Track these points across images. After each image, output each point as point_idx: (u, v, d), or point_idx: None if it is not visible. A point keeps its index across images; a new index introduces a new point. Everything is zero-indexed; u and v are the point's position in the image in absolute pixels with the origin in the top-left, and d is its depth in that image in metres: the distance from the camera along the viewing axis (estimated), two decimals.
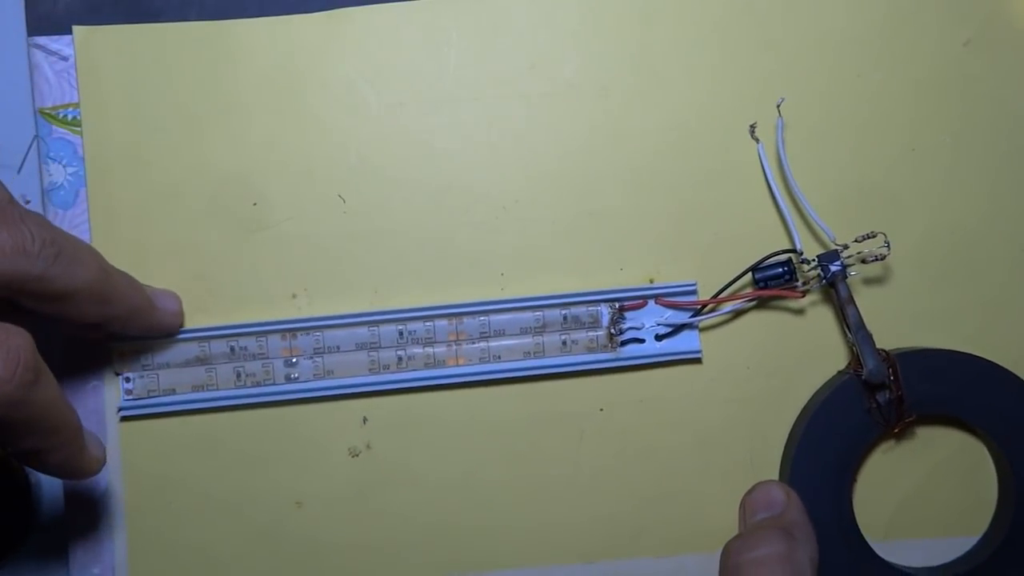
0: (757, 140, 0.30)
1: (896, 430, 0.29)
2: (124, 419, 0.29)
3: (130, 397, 0.29)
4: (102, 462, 0.26)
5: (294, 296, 0.30)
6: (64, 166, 0.30)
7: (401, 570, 0.30)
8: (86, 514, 0.29)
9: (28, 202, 0.29)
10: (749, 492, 0.29)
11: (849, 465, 0.29)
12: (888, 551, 0.29)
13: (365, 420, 0.30)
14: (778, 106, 0.29)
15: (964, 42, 0.31)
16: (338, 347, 0.29)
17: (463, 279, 0.30)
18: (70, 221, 0.29)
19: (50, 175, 0.30)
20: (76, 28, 0.30)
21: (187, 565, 0.29)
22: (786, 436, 0.30)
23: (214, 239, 0.30)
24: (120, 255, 0.29)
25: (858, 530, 0.29)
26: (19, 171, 0.29)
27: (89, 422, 0.29)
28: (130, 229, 0.29)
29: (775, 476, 0.30)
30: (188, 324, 0.29)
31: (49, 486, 0.29)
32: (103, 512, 0.29)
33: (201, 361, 0.29)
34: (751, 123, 0.30)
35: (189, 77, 0.30)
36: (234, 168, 0.30)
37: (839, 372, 0.30)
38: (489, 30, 0.30)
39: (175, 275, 0.29)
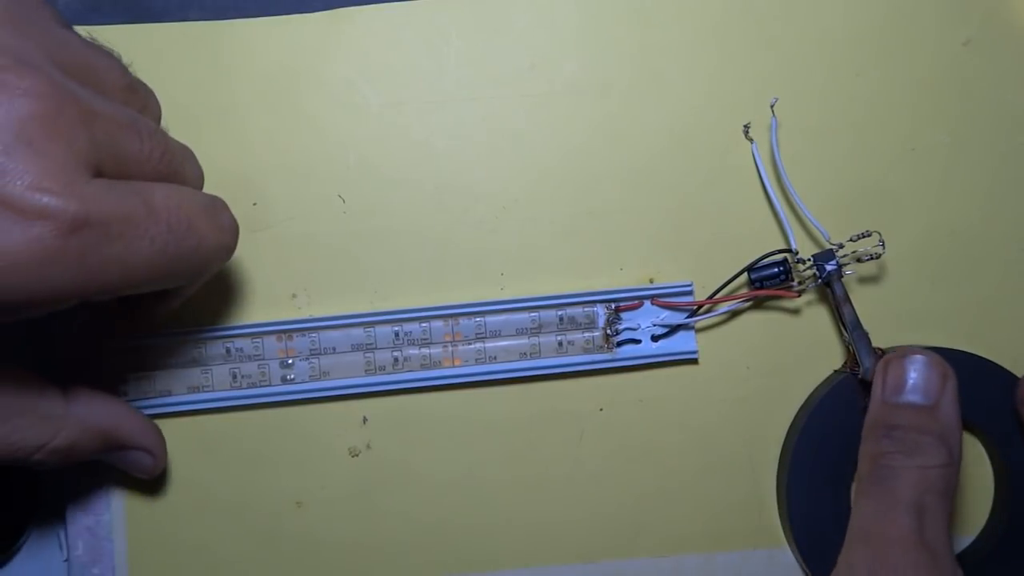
0: (751, 140, 0.32)
1: None
2: None
3: (126, 399, 0.30)
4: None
5: (294, 296, 0.31)
6: None
7: (401, 570, 0.31)
8: (86, 513, 0.31)
9: None
10: (899, 355, 0.27)
11: (847, 463, 0.30)
12: None
13: (365, 420, 0.31)
14: (772, 106, 0.31)
15: (964, 42, 0.32)
16: (334, 348, 0.31)
17: (463, 278, 0.31)
18: None
19: None
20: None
21: (187, 565, 0.31)
22: (784, 435, 0.31)
23: None
24: None
25: None
26: None
27: None
28: None
29: (773, 475, 0.31)
30: (187, 324, 0.31)
31: (49, 487, 0.31)
32: (103, 512, 0.31)
33: (196, 363, 0.30)
34: (745, 123, 0.31)
35: (189, 77, 0.31)
36: (234, 168, 0.31)
37: (835, 371, 0.31)
38: (489, 30, 0.32)
39: None
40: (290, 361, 0.31)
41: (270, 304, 0.31)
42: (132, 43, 0.31)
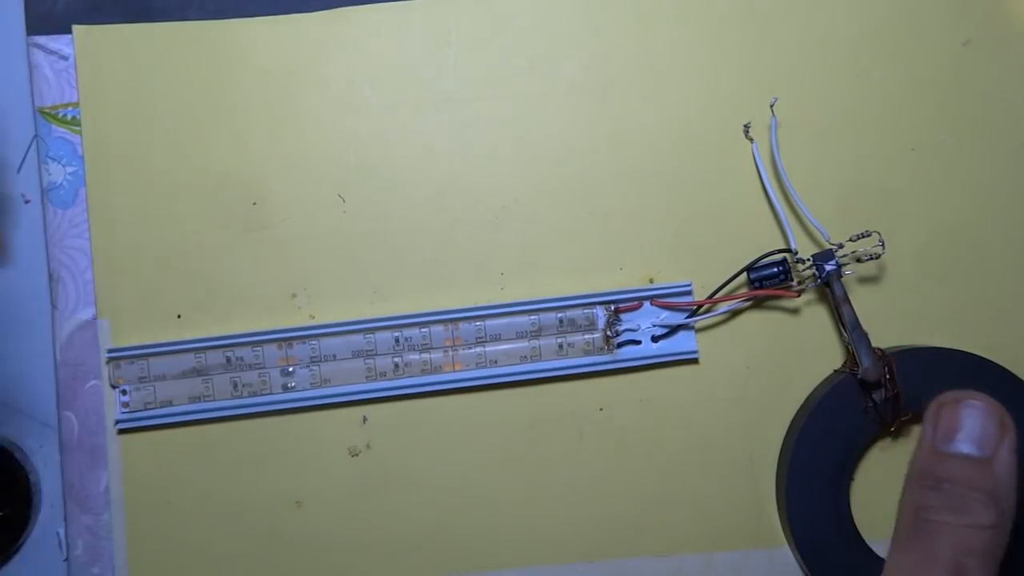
0: (751, 140, 0.32)
1: (892, 428, 0.31)
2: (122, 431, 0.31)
3: (127, 410, 0.31)
4: None
5: (294, 296, 0.32)
6: (63, 165, 0.32)
7: (401, 570, 0.31)
8: (86, 514, 0.31)
9: (28, 201, 0.31)
10: (954, 399, 0.25)
11: (846, 463, 0.30)
12: (885, 549, 0.30)
13: (365, 419, 0.31)
14: (771, 106, 0.31)
15: (964, 42, 0.32)
16: (334, 355, 0.31)
17: (463, 278, 0.32)
18: (70, 220, 0.31)
19: (49, 174, 0.31)
20: (76, 27, 0.32)
21: (187, 565, 0.31)
22: (784, 435, 0.32)
23: (214, 239, 0.31)
24: (120, 255, 0.31)
25: (855, 528, 0.30)
26: (19, 170, 0.31)
27: (89, 423, 0.31)
28: (129, 228, 0.31)
29: (773, 475, 0.32)
30: (187, 324, 0.31)
31: (49, 486, 0.31)
32: (103, 512, 0.31)
33: (197, 372, 0.31)
34: (745, 123, 0.32)
35: (189, 77, 0.32)
36: (234, 168, 0.32)
37: (835, 371, 0.31)
38: (489, 30, 0.32)
39: (175, 275, 0.31)
40: (291, 369, 0.31)
41: (270, 304, 0.32)
42: (132, 43, 0.32)
